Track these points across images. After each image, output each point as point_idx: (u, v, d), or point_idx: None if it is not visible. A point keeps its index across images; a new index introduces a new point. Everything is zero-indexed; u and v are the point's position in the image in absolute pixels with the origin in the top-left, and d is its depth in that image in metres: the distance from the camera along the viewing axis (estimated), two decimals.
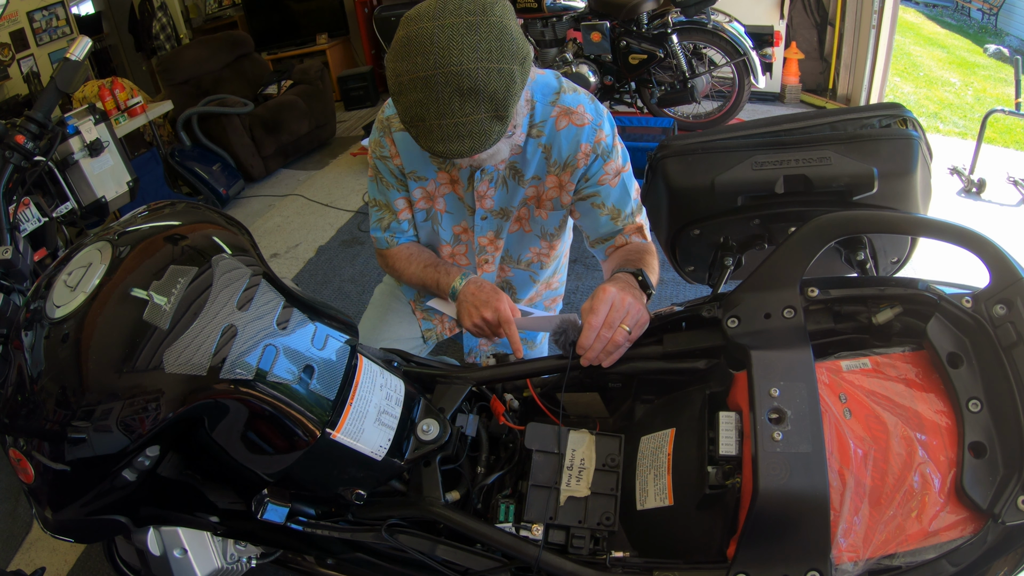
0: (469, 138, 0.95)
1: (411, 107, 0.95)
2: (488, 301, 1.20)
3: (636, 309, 0.99)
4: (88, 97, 3.57)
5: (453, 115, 0.93)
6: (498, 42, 0.93)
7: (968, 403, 0.79)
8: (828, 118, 1.06)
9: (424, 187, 1.31)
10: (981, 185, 3.13)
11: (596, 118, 1.21)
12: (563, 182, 1.27)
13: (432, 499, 0.92)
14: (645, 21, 3.57)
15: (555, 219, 1.36)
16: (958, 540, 0.76)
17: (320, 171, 4.44)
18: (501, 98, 0.94)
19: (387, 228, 1.38)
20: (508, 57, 0.94)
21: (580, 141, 1.21)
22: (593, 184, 1.26)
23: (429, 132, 0.96)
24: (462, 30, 0.91)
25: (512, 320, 1.17)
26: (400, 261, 1.39)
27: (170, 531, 0.93)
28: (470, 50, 0.91)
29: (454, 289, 1.27)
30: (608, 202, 1.27)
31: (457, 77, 0.91)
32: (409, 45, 0.93)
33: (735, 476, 0.83)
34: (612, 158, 1.24)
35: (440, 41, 0.91)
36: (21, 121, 1.48)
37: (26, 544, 1.85)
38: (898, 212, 1.00)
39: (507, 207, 1.32)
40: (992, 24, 7.51)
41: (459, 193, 1.31)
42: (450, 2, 0.94)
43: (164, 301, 0.74)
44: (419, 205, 1.34)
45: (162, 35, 5.40)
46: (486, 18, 0.93)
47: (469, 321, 1.23)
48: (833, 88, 4.28)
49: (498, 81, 0.93)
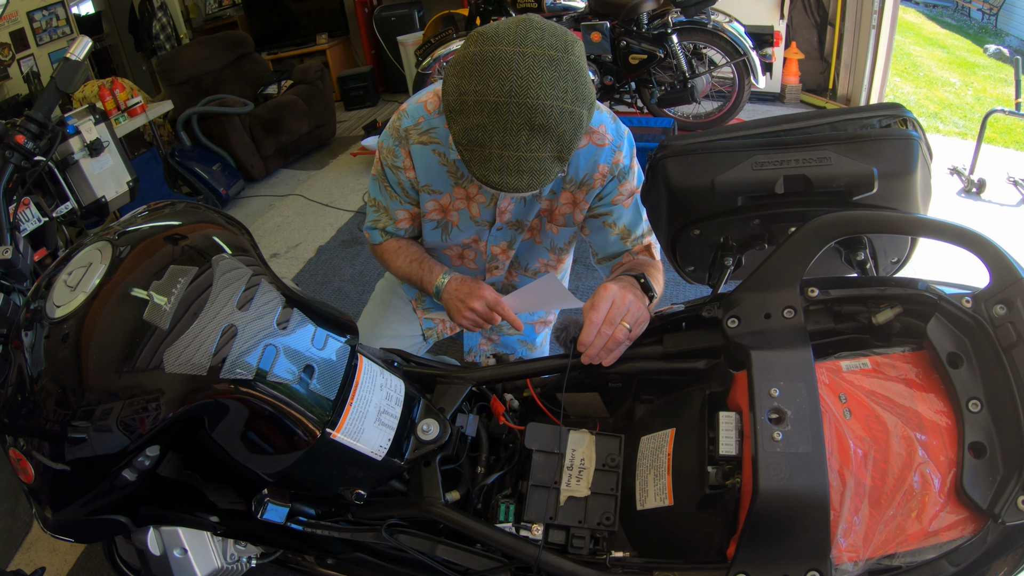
0: (529, 174, 0.93)
1: (472, 130, 0.92)
2: (472, 291, 1.20)
3: (637, 307, 0.99)
4: (88, 97, 3.57)
5: (518, 148, 0.91)
6: (575, 83, 0.91)
7: (968, 403, 0.79)
8: (828, 118, 1.06)
9: (438, 200, 1.30)
10: (981, 185, 3.13)
11: (616, 139, 1.20)
12: (577, 200, 1.27)
13: (432, 499, 0.92)
14: (645, 21, 3.57)
15: (565, 235, 1.36)
16: (958, 540, 0.76)
17: (320, 171, 4.44)
18: (568, 140, 0.92)
19: (382, 230, 1.38)
20: (581, 100, 0.92)
21: (599, 161, 1.20)
22: (607, 204, 1.26)
23: (487, 160, 0.93)
24: (543, 63, 0.89)
25: (500, 300, 1.18)
26: (388, 253, 1.39)
27: (170, 531, 0.93)
28: (549, 86, 0.89)
29: (438, 288, 1.27)
30: (620, 222, 1.27)
31: (531, 111, 0.89)
32: (483, 65, 0.90)
33: (735, 476, 0.83)
34: (628, 179, 1.24)
35: (520, 70, 0.88)
36: (21, 121, 1.48)
37: (26, 544, 1.85)
38: (898, 212, 1.00)
39: (522, 219, 1.32)
40: (992, 24, 7.51)
41: (473, 211, 1.30)
42: (532, 31, 0.91)
43: (164, 301, 0.74)
44: (431, 216, 1.33)
45: (162, 35, 5.40)
46: (567, 56, 0.91)
47: (460, 316, 1.22)
48: (833, 88, 4.28)
49: (569, 123, 0.91)
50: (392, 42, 5.14)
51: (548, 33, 0.92)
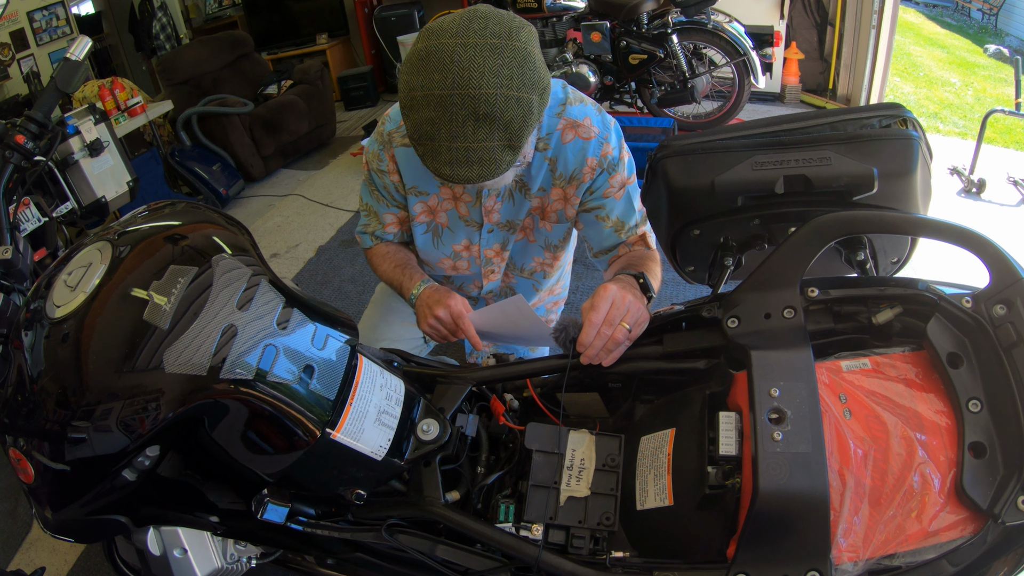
0: (479, 164, 0.92)
1: (422, 124, 0.92)
2: (440, 300, 1.18)
3: (636, 308, 0.99)
4: (88, 97, 3.57)
5: (465, 139, 0.90)
6: (520, 69, 0.90)
7: (968, 403, 0.79)
8: (828, 118, 1.06)
9: (426, 202, 1.30)
10: (981, 185, 3.13)
11: (603, 130, 1.20)
12: (568, 195, 1.26)
13: (432, 499, 0.92)
14: (645, 21, 3.57)
15: (559, 231, 1.36)
16: (958, 540, 0.76)
17: (320, 171, 4.44)
18: (517, 127, 0.91)
19: (372, 234, 1.39)
20: (529, 86, 0.91)
21: (587, 155, 1.19)
22: (598, 197, 1.25)
23: (437, 153, 0.93)
24: (485, 52, 0.89)
25: (463, 314, 1.15)
26: (376, 257, 1.39)
27: (170, 531, 0.93)
28: (491, 74, 0.88)
29: (413, 295, 1.26)
30: (613, 215, 1.27)
31: (474, 101, 0.88)
32: (427, 60, 0.90)
33: (735, 476, 0.83)
34: (618, 171, 1.23)
35: (461, 60, 0.88)
36: (21, 121, 1.48)
37: (26, 544, 1.85)
38: (898, 212, 1.00)
39: (513, 220, 1.31)
40: (992, 24, 7.51)
41: (461, 210, 1.30)
42: (475, 21, 0.91)
43: (164, 301, 0.74)
44: (420, 219, 1.33)
45: (162, 35, 5.40)
46: (511, 43, 0.90)
47: (424, 323, 1.21)
48: (833, 88, 4.28)
49: (516, 110, 0.90)
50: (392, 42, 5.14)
51: (492, 22, 0.91)
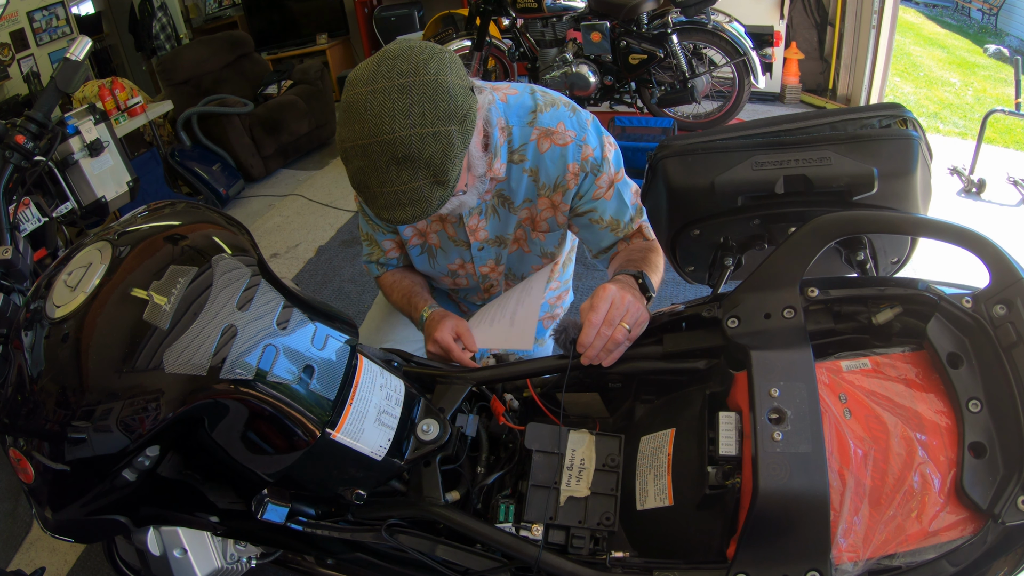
0: (411, 205, 0.93)
1: (355, 175, 0.94)
2: (430, 334, 1.21)
3: (636, 308, 0.99)
4: (88, 97, 3.57)
5: (392, 183, 0.91)
6: (432, 103, 0.89)
7: (968, 403, 0.79)
8: (828, 118, 1.06)
9: (414, 226, 1.31)
10: (981, 185, 3.13)
11: (579, 132, 1.19)
12: (556, 203, 1.26)
13: (432, 499, 0.92)
14: (645, 21, 3.56)
15: (553, 239, 1.36)
16: (958, 540, 0.76)
17: (320, 171, 4.44)
18: (438, 163, 0.91)
19: (377, 263, 1.42)
20: (444, 119, 0.90)
21: (567, 161, 1.19)
22: (588, 200, 1.25)
23: (374, 199, 0.95)
24: (393, 95, 0.89)
25: (452, 346, 1.17)
26: (385, 288, 1.43)
27: (170, 531, 0.93)
28: (401, 116, 0.88)
29: (421, 322, 1.29)
30: (606, 215, 1.26)
31: (391, 146, 0.89)
32: (348, 112, 0.92)
33: (735, 476, 0.83)
34: (603, 171, 1.22)
35: (372, 108, 0.89)
36: (21, 121, 1.49)
37: (26, 544, 1.85)
38: (898, 212, 1.00)
39: (502, 234, 1.32)
40: (992, 24, 7.51)
41: (449, 231, 1.31)
42: (383, 63, 0.91)
43: (164, 301, 0.74)
44: (412, 242, 1.35)
45: (162, 35, 5.40)
46: (418, 78, 0.89)
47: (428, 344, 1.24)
48: (833, 88, 4.28)
49: (433, 146, 0.90)
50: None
51: (400, 60, 0.91)
